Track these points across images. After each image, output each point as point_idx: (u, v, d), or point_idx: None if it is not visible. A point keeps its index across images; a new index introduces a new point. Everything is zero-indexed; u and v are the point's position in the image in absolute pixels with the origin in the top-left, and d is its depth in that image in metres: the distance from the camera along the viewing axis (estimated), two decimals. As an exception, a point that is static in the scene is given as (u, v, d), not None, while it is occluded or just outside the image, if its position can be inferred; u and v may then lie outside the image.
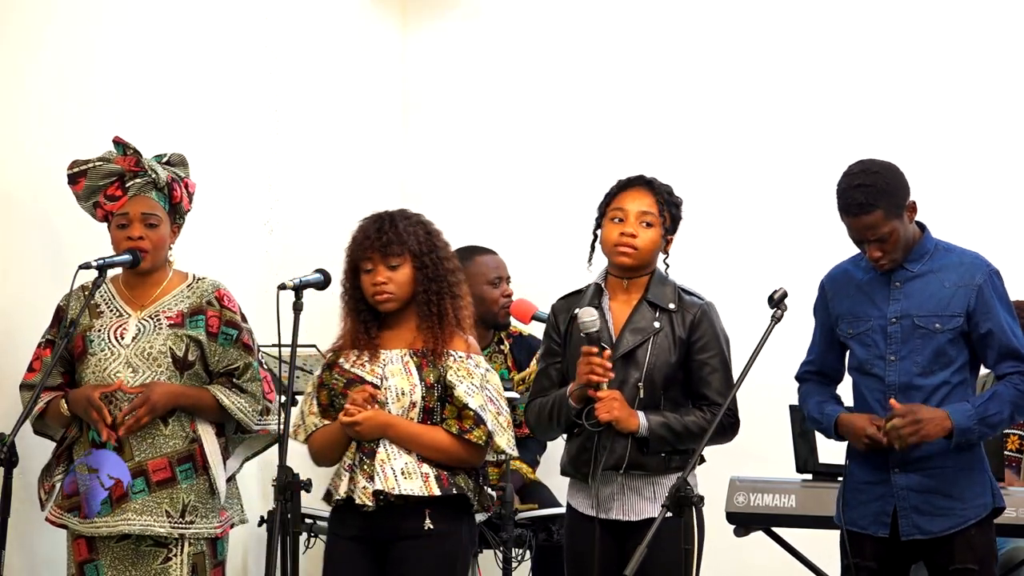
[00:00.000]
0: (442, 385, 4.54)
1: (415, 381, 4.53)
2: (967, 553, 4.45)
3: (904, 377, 4.51)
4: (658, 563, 4.22)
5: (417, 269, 4.59)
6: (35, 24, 5.29)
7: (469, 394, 4.51)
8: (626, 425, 4.49)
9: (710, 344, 4.59)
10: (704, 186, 6.51)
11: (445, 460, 4.52)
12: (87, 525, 4.77)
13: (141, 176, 4.89)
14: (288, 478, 4.32)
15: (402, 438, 4.50)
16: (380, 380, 4.55)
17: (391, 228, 4.58)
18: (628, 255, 4.59)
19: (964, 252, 4.60)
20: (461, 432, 4.50)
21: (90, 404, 4.73)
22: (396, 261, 4.57)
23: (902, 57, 6.56)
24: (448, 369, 4.53)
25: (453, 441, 4.51)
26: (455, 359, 4.55)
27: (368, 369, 4.57)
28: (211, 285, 4.96)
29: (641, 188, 4.64)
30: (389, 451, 4.50)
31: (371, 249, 4.57)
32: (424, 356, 4.56)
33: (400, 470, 4.48)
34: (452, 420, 4.53)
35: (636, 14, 6.90)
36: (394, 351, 4.59)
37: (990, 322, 4.49)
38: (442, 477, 4.50)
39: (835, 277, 4.71)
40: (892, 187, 4.48)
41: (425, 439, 4.51)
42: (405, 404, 4.53)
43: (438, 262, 4.61)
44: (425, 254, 4.59)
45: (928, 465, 4.48)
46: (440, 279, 4.60)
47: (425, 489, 4.47)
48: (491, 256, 6.10)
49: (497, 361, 6.07)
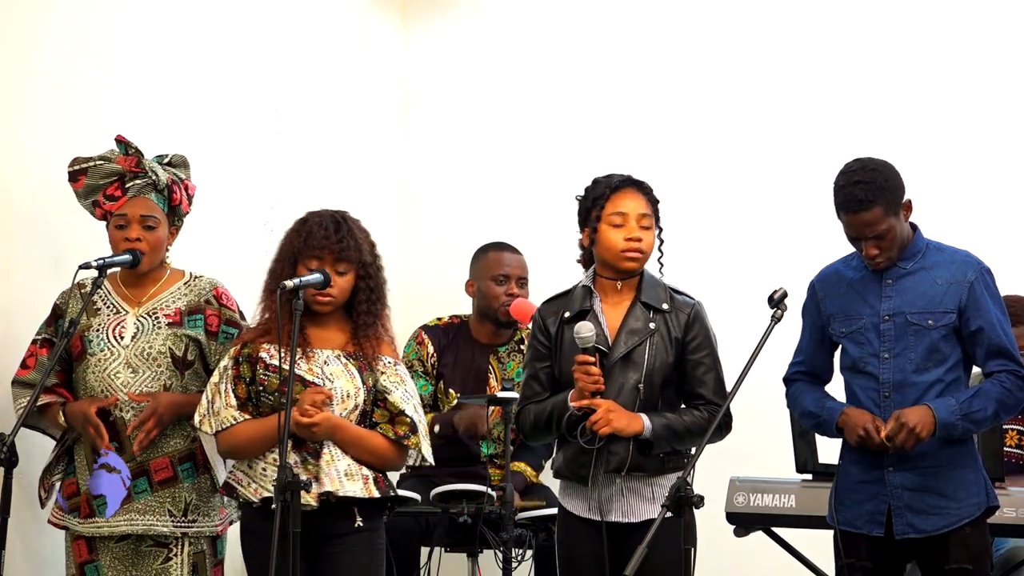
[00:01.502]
0: (375, 389, 4.61)
1: (359, 384, 4.61)
2: (962, 552, 4.45)
3: (899, 374, 4.51)
4: (657, 563, 4.21)
5: (360, 278, 4.66)
6: (34, 24, 5.29)
7: (405, 400, 4.62)
8: (629, 431, 4.48)
9: (704, 344, 4.60)
10: (703, 186, 6.52)
11: (378, 464, 4.63)
12: (90, 526, 4.77)
13: (141, 177, 4.90)
14: (288, 478, 4.32)
15: (347, 441, 4.59)
16: (322, 381, 4.57)
17: (348, 234, 4.64)
18: (636, 260, 4.59)
19: (956, 251, 4.61)
20: (398, 437, 4.60)
21: (87, 421, 4.73)
22: (344, 267, 4.62)
23: (897, 58, 6.56)
24: (380, 374, 4.62)
25: (390, 446, 4.62)
26: (385, 364, 4.65)
27: (305, 368, 4.59)
28: (209, 283, 4.96)
29: (634, 190, 4.64)
30: (333, 452, 4.56)
31: (325, 250, 4.60)
32: (359, 360, 4.62)
33: (344, 471, 4.55)
34: (386, 425, 4.62)
35: (636, 14, 6.90)
36: (327, 351, 4.62)
37: (981, 319, 4.49)
38: (379, 479, 4.62)
39: (826, 277, 4.71)
40: (890, 185, 4.49)
41: (366, 443, 4.61)
42: (349, 406, 4.59)
43: (377, 272, 4.70)
44: (370, 263, 4.68)
45: (922, 464, 4.48)
46: (378, 289, 4.69)
47: (365, 491, 4.57)
48: (508, 254, 6.11)
49: (515, 360, 6.08)
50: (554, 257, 6.34)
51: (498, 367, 6.07)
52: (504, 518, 5.25)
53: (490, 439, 5.97)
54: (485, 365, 6.09)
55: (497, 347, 6.09)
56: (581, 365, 4.49)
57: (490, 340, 6.13)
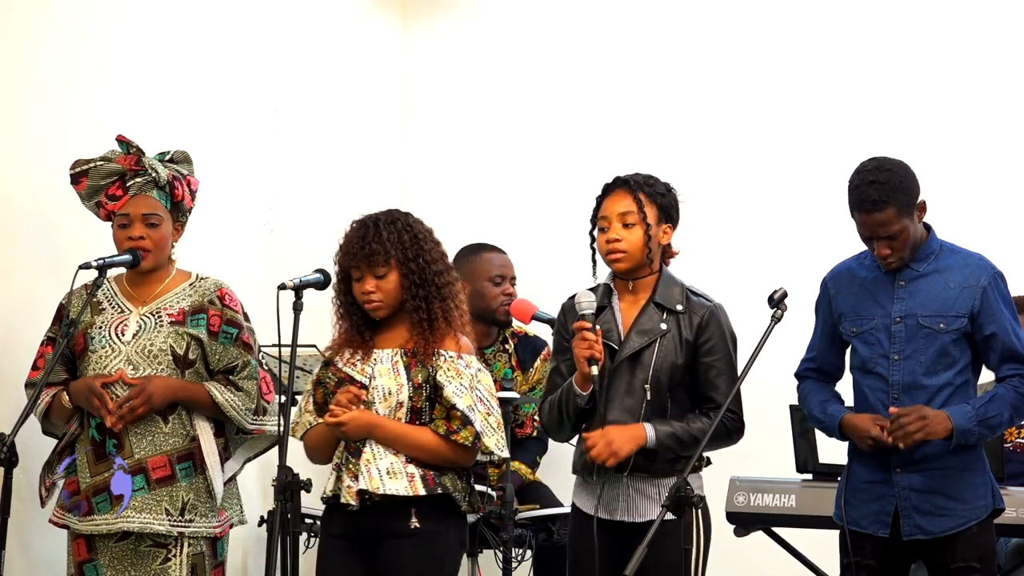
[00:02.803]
0: (431, 385, 4.54)
1: (402, 381, 4.54)
2: (969, 551, 4.46)
3: (908, 376, 4.51)
4: (658, 563, 4.21)
5: (404, 276, 4.58)
6: (34, 24, 5.29)
7: (457, 394, 4.51)
8: (630, 448, 4.47)
9: (717, 347, 4.57)
10: (706, 186, 6.51)
11: (432, 460, 4.52)
12: (88, 524, 4.78)
13: (142, 175, 4.90)
14: (288, 478, 4.32)
15: (388, 438, 4.51)
16: (368, 380, 4.56)
17: (375, 238, 4.58)
18: (619, 260, 4.59)
19: (969, 254, 4.60)
20: (448, 433, 4.50)
21: (91, 392, 4.74)
22: (382, 270, 4.57)
23: (903, 57, 6.56)
24: (438, 369, 4.53)
25: (440, 442, 4.50)
26: (445, 359, 4.55)
27: (359, 368, 4.58)
28: (213, 284, 4.96)
29: (619, 190, 4.63)
30: (375, 451, 4.50)
31: (357, 259, 4.58)
32: (414, 356, 4.56)
33: (386, 470, 4.48)
34: (440, 420, 4.52)
35: (637, 13, 6.90)
36: (386, 351, 4.59)
37: (994, 324, 4.49)
38: (428, 477, 4.50)
39: (838, 275, 4.70)
40: (905, 185, 4.48)
41: (411, 439, 4.51)
42: (392, 404, 4.53)
43: (424, 267, 4.60)
44: (411, 260, 4.59)
45: (930, 465, 4.48)
46: (427, 283, 4.59)
47: (410, 489, 4.47)
48: (497, 254, 6.10)
49: (501, 360, 6.07)
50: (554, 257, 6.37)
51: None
52: (504, 518, 5.25)
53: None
54: (472, 367, 6.07)
55: (483, 349, 6.08)
56: (578, 332, 4.48)
57: (477, 342, 6.12)
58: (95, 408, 4.75)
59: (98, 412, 4.75)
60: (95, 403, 4.74)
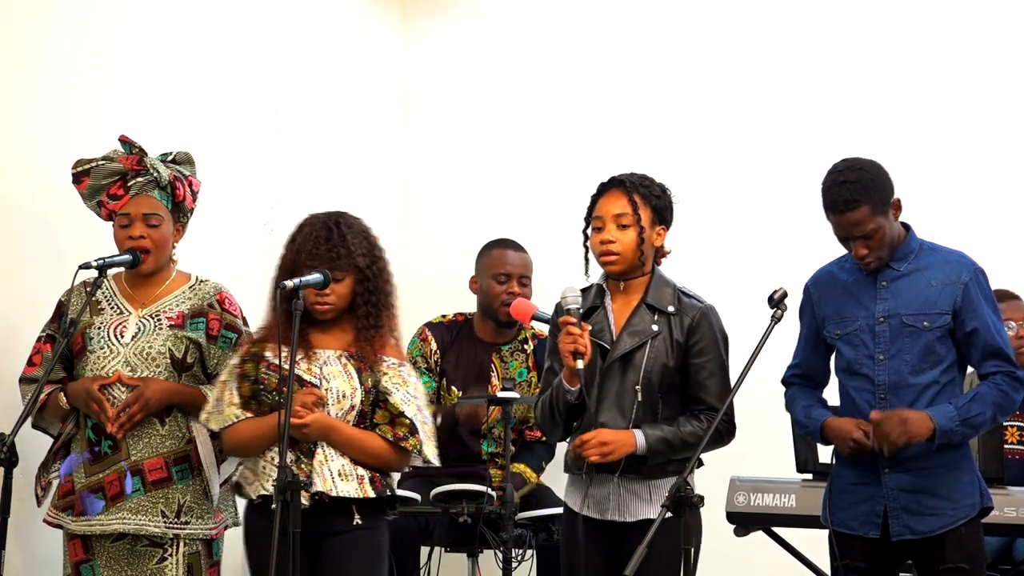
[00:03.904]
0: (376, 390, 4.60)
1: (355, 385, 4.60)
2: (958, 552, 4.45)
3: (894, 376, 4.51)
4: (657, 563, 4.22)
5: (359, 282, 4.64)
6: (35, 24, 5.29)
7: (405, 402, 4.61)
8: (622, 452, 4.48)
9: (707, 348, 4.58)
10: (704, 186, 6.52)
11: (376, 464, 4.63)
12: (82, 524, 4.78)
13: (143, 175, 4.90)
14: (287, 478, 4.32)
15: (341, 441, 4.58)
16: (319, 381, 4.58)
17: (340, 242, 4.61)
18: (613, 262, 4.60)
19: (950, 251, 4.61)
20: (396, 439, 4.59)
21: (90, 396, 4.74)
22: (340, 275, 4.61)
23: (896, 58, 6.56)
24: (383, 375, 4.61)
25: (387, 447, 4.61)
26: (389, 365, 4.63)
27: (304, 368, 4.59)
28: (213, 288, 4.96)
29: (614, 190, 4.63)
30: (327, 453, 4.56)
31: (318, 260, 4.59)
32: (361, 360, 4.62)
33: (337, 471, 4.56)
34: (385, 426, 4.62)
35: (636, 13, 6.90)
36: (328, 351, 4.63)
37: (976, 320, 4.49)
38: (375, 479, 4.61)
39: (820, 279, 4.70)
40: (877, 184, 4.49)
41: (362, 444, 4.60)
42: (344, 407, 4.59)
43: (378, 274, 4.68)
44: (368, 267, 4.65)
45: (917, 465, 4.48)
46: (379, 291, 4.67)
47: (360, 491, 4.57)
48: (511, 252, 6.10)
49: (519, 359, 6.08)
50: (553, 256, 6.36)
51: (500, 365, 6.08)
52: (504, 518, 5.25)
53: (491, 437, 5.98)
54: (488, 363, 6.09)
55: (500, 345, 6.10)
56: (564, 326, 4.48)
57: (493, 338, 6.13)
58: (94, 414, 4.75)
59: (98, 418, 4.75)
60: (94, 409, 4.73)
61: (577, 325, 4.48)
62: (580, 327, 4.48)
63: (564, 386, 4.53)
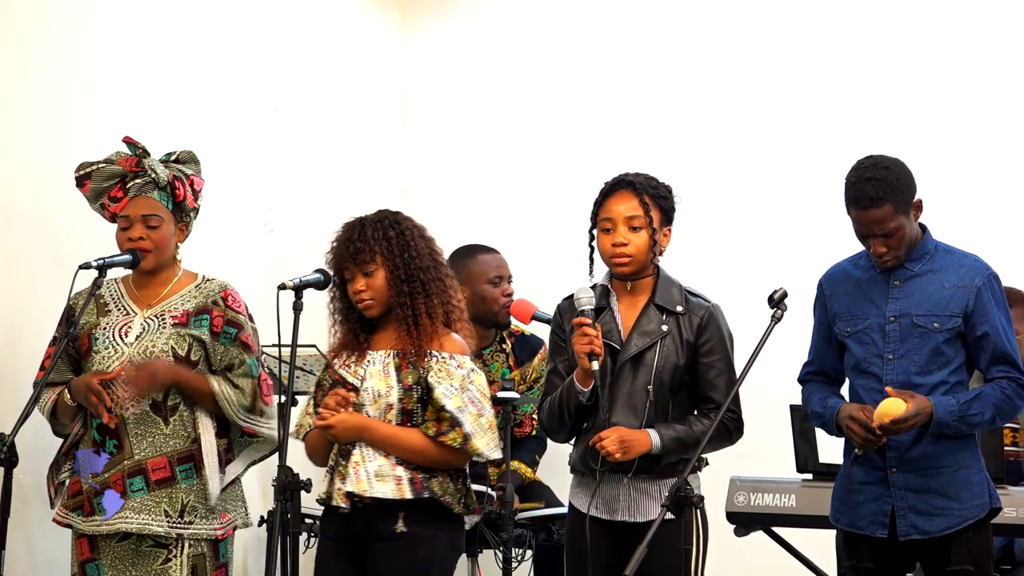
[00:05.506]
0: (422, 387, 4.53)
1: (392, 383, 4.53)
2: (964, 554, 4.45)
3: (902, 376, 4.50)
4: (658, 563, 4.21)
5: (390, 272, 4.59)
6: (34, 24, 5.29)
7: (447, 396, 4.50)
8: (639, 451, 4.47)
9: (716, 347, 4.57)
10: (705, 185, 6.51)
11: (422, 462, 4.51)
12: (89, 523, 4.78)
13: (141, 176, 4.90)
14: (288, 478, 4.33)
15: (377, 440, 4.51)
16: (360, 382, 4.56)
17: (359, 236, 4.59)
18: (624, 264, 4.58)
19: (965, 254, 4.60)
20: (437, 434, 4.50)
21: (89, 389, 4.74)
22: (370, 268, 4.58)
23: (902, 57, 6.56)
24: (429, 370, 4.53)
25: (429, 443, 4.50)
26: (436, 360, 4.54)
27: (352, 371, 4.59)
28: (218, 286, 4.97)
29: (624, 191, 4.60)
30: (364, 453, 4.50)
31: (344, 259, 4.60)
32: (405, 357, 4.56)
33: (374, 472, 4.48)
34: (431, 422, 4.52)
35: (636, 13, 6.90)
36: (379, 352, 4.60)
37: (986, 325, 4.49)
38: (416, 480, 4.50)
39: (833, 276, 4.70)
40: (902, 183, 4.48)
41: (401, 441, 4.51)
42: (382, 406, 4.53)
43: (409, 262, 4.59)
44: (396, 256, 4.58)
45: (925, 465, 4.48)
46: (412, 279, 4.58)
47: (397, 492, 4.47)
48: (493, 255, 6.09)
49: (499, 360, 6.06)
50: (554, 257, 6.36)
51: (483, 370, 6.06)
52: (504, 518, 5.25)
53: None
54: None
55: (481, 350, 6.08)
56: (579, 327, 4.48)
57: (476, 344, 6.12)
58: (92, 406, 4.75)
59: (95, 409, 4.75)
60: (92, 400, 4.74)
61: (592, 326, 4.47)
62: (595, 328, 4.47)
63: (576, 387, 4.52)
